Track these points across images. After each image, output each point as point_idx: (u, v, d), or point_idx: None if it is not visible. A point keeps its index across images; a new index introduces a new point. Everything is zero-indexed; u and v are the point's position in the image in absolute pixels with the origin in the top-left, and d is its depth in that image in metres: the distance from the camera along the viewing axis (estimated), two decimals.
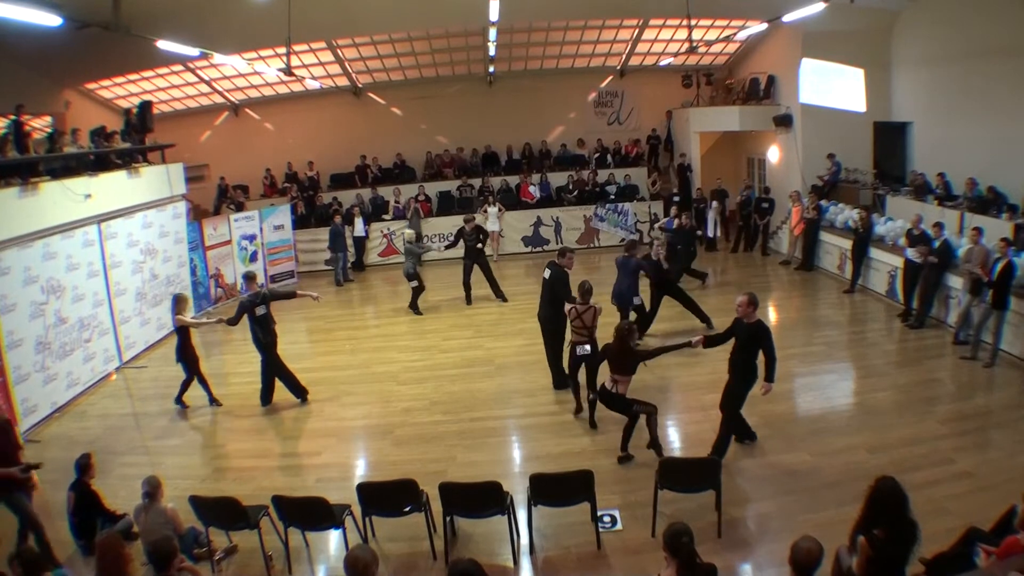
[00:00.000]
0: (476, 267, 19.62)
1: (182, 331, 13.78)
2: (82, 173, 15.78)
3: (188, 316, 14.22)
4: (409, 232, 20.61)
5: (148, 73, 23.55)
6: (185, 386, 14.06)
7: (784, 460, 10.61)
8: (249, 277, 14.41)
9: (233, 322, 13.91)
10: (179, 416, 13.80)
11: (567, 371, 13.12)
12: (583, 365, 12.42)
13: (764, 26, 20.20)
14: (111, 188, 16.63)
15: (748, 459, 10.65)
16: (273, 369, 13.91)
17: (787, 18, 17.65)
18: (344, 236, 23.68)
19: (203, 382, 14.07)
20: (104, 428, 13.42)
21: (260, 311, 13.58)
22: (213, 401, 14.10)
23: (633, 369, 10.67)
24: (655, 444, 10.84)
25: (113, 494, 9.82)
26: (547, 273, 13.50)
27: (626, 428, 10.90)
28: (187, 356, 13.86)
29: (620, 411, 10.85)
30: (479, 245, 19.62)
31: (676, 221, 19.94)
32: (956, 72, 19.47)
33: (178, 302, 13.89)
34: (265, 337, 13.70)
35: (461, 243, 19.67)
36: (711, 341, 10.89)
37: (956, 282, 15.36)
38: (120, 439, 12.87)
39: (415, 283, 19.04)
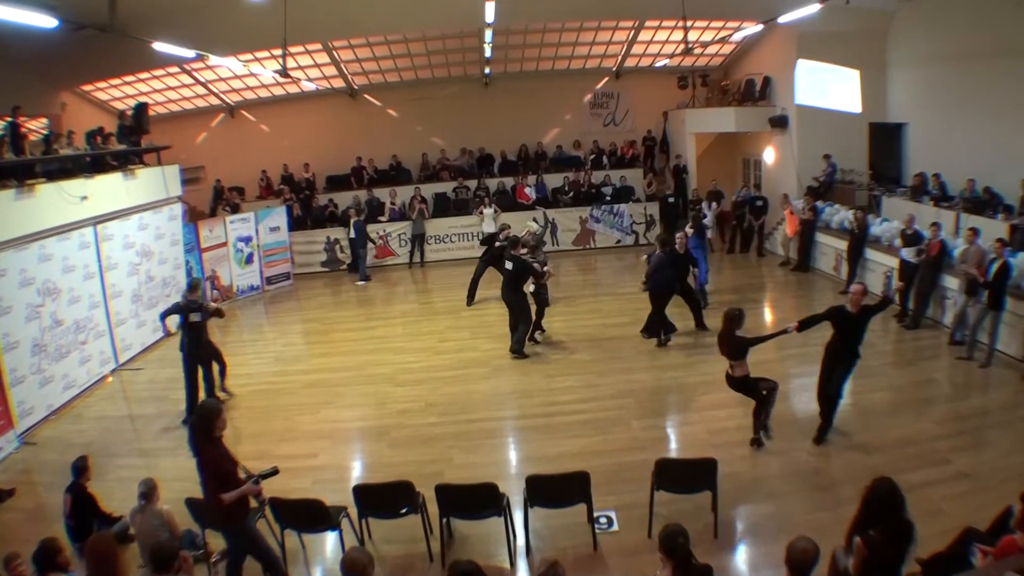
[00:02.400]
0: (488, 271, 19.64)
1: None
2: (78, 175, 15.75)
3: None
4: (534, 225, 20.38)
5: (144, 75, 23.50)
6: None
7: (780, 461, 10.63)
8: (192, 286, 14.07)
9: (162, 315, 14.18)
10: (175, 418, 13.72)
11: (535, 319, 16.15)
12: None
13: (759, 27, 20.19)
14: (107, 190, 16.59)
15: (744, 461, 10.65)
16: (191, 377, 13.67)
17: (782, 19, 17.63)
18: (365, 232, 23.87)
19: None
20: (100, 430, 13.40)
21: (194, 317, 13.40)
22: None
23: (743, 354, 10.80)
24: (765, 425, 11.07)
25: (109, 496, 9.82)
26: (509, 265, 15.36)
27: (756, 412, 11.01)
28: None
29: (747, 395, 11.07)
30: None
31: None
32: (951, 73, 19.51)
33: None
34: (193, 349, 13.50)
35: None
36: (804, 325, 11.06)
37: (952, 283, 15.40)
38: (116, 441, 12.86)
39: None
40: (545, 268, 15.79)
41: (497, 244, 18.74)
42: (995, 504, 7.62)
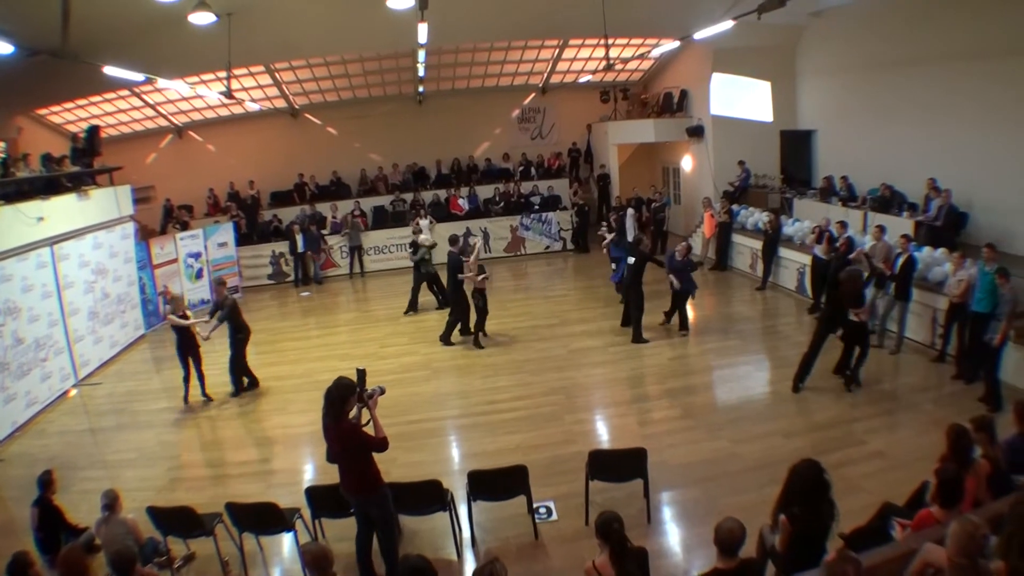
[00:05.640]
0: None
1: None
2: (34, 197, 15.46)
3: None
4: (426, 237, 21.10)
5: (96, 98, 23.07)
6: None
7: (706, 448, 10.77)
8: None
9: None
10: (134, 429, 13.53)
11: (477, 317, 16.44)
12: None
13: (676, 44, 20.36)
14: (62, 211, 16.26)
15: (672, 449, 10.75)
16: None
17: (698, 36, 17.76)
18: (321, 240, 24.64)
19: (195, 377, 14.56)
20: (63, 444, 13.11)
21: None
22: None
23: (864, 301, 12.33)
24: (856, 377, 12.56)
25: (75, 508, 9.60)
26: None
27: (857, 359, 12.49)
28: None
29: (860, 340, 12.37)
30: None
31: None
32: (857, 82, 19.96)
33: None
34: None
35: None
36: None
37: None
38: (79, 454, 12.58)
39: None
40: (483, 275, 15.95)
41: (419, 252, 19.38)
42: (910, 480, 7.84)
